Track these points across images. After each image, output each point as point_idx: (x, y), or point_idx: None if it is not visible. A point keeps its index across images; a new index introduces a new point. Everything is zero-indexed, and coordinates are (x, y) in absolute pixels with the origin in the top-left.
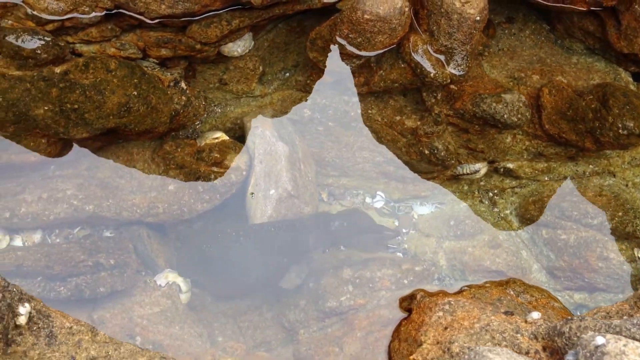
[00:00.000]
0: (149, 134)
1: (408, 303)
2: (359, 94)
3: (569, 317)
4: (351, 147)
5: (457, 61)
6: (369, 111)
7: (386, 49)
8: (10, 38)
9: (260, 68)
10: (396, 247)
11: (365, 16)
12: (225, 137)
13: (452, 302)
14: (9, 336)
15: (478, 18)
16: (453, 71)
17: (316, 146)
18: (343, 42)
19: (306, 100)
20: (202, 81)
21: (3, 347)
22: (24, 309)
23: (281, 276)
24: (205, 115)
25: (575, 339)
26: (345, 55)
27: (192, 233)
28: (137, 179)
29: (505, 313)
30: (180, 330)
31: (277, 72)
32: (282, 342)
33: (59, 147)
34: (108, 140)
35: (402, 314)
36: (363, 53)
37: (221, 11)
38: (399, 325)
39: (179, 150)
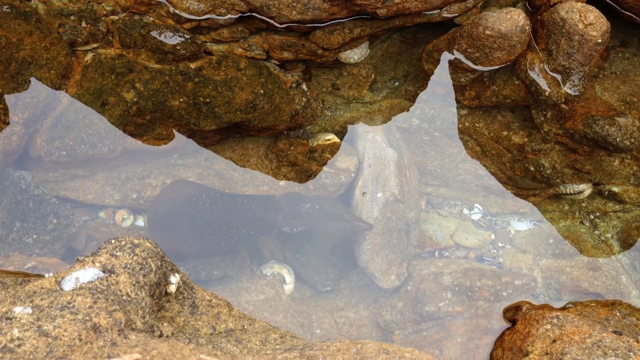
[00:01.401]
0: (269, 131)
1: (512, 314)
2: (468, 107)
3: None
4: (454, 159)
5: (573, 81)
6: (477, 124)
7: (502, 65)
8: (154, 33)
9: (373, 76)
10: (491, 260)
11: (487, 32)
12: (337, 140)
13: (560, 317)
14: (160, 302)
15: (600, 40)
16: (568, 91)
17: (420, 154)
18: (460, 56)
19: (415, 109)
20: (316, 84)
21: (156, 310)
22: (174, 279)
23: (243, 246)
24: (321, 117)
25: None
26: (459, 69)
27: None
28: (249, 173)
29: (615, 332)
30: (283, 319)
31: (387, 80)
32: (377, 340)
33: (186, 137)
34: (227, 134)
35: (505, 324)
36: (478, 67)
37: (345, 20)
38: (503, 334)
39: (292, 148)
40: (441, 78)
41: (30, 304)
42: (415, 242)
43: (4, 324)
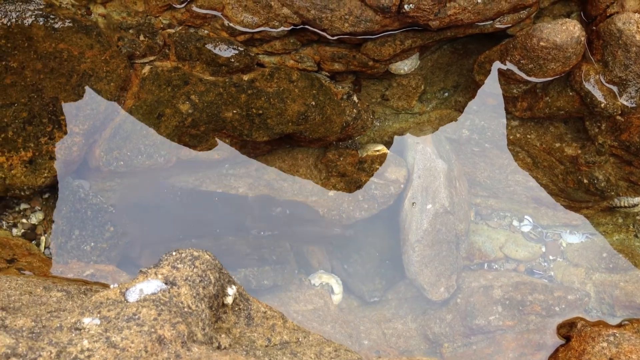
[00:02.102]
0: (320, 142)
1: (567, 330)
2: (520, 119)
3: None
4: (504, 170)
5: (630, 93)
6: (528, 136)
7: (556, 77)
8: (209, 46)
9: (422, 87)
10: (542, 273)
11: (541, 43)
12: (386, 150)
13: (617, 335)
14: (217, 313)
15: None
16: (625, 103)
17: (469, 166)
18: (513, 67)
19: (465, 120)
20: (365, 95)
21: (214, 322)
22: (231, 290)
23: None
24: (371, 127)
25: None
26: (512, 80)
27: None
28: (298, 183)
29: None
30: (332, 329)
31: (437, 91)
32: (425, 352)
33: (238, 147)
34: (277, 145)
35: (558, 340)
36: (531, 79)
37: (397, 31)
38: (557, 351)
39: (341, 159)
40: (492, 89)
41: (98, 315)
42: (464, 254)
43: (73, 335)
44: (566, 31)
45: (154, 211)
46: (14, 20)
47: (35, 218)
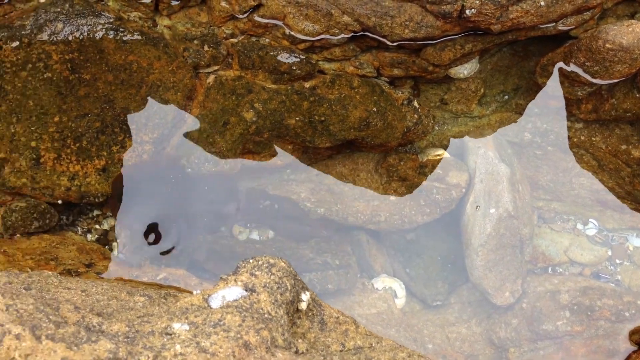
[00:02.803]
0: (381, 148)
1: (639, 336)
2: (584, 121)
3: None
4: (568, 173)
5: None
6: (593, 138)
7: (622, 79)
8: (272, 55)
9: (482, 90)
10: (608, 277)
11: (607, 45)
12: (447, 155)
13: None
14: (292, 319)
15: None
16: None
17: (531, 169)
18: (577, 69)
19: (527, 123)
20: (424, 100)
21: (290, 327)
22: (305, 296)
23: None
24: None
25: None
26: (576, 82)
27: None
28: (359, 188)
29: None
30: (396, 333)
31: (496, 94)
32: (491, 357)
33: (300, 153)
34: (337, 150)
35: (630, 347)
36: (597, 81)
37: (457, 36)
38: (629, 357)
39: (402, 163)
40: (554, 91)
41: (186, 321)
42: (527, 258)
43: (165, 340)
44: (632, 32)
45: (147, 195)
46: (85, 34)
47: (107, 224)
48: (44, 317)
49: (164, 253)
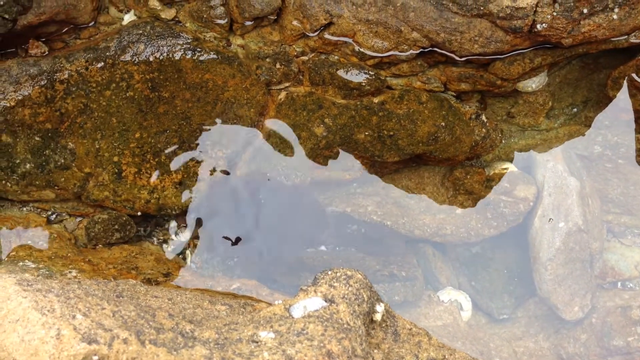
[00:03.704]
0: (449, 162)
1: None
2: None
3: None
4: (639, 186)
5: None
6: None
7: None
8: (341, 72)
9: (550, 103)
10: None
11: None
12: (514, 168)
13: None
14: (368, 329)
15: None
16: None
17: (600, 182)
18: None
19: (596, 136)
20: (490, 113)
21: (366, 335)
22: (380, 308)
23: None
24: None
25: None
26: None
27: None
28: (425, 201)
29: None
30: (462, 346)
31: (565, 107)
32: None
33: (368, 167)
34: (404, 164)
35: None
36: None
37: (526, 50)
38: None
39: (468, 177)
40: (625, 104)
41: (271, 329)
42: (597, 273)
43: (253, 347)
44: None
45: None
46: (165, 54)
47: (184, 236)
48: (145, 323)
49: (234, 243)
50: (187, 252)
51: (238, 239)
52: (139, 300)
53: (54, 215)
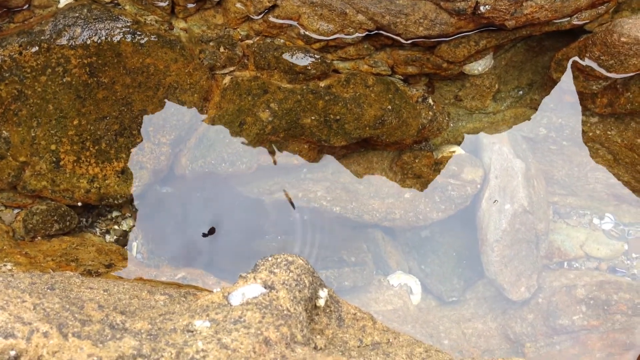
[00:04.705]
0: (396, 145)
1: None
2: (599, 115)
3: None
4: (584, 167)
5: None
6: (608, 132)
7: (637, 72)
8: (287, 55)
9: (496, 86)
10: (625, 272)
11: (622, 39)
12: (462, 151)
13: None
14: (311, 315)
15: None
16: None
17: (546, 164)
18: (592, 63)
19: (542, 118)
20: (438, 97)
21: (309, 321)
22: (323, 293)
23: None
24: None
25: None
26: (590, 77)
27: None
28: (374, 185)
29: None
30: (412, 329)
31: (511, 90)
32: (507, 352)
33: (315, 152)
34: (352, 148)
35: None
36: (612, 75)
37: (471, 32)
38: None
39: (417, 161)
40: (569, 86)
41: (207, 318)
42: (542, 253)
43: (187, 337)
44: None
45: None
46: (103, 38)
47: (127, 224)
48: (70, 315)
49: (205, 235)
50: (134, 243)
51: (212, 230)
52: (71, 292)
53: None
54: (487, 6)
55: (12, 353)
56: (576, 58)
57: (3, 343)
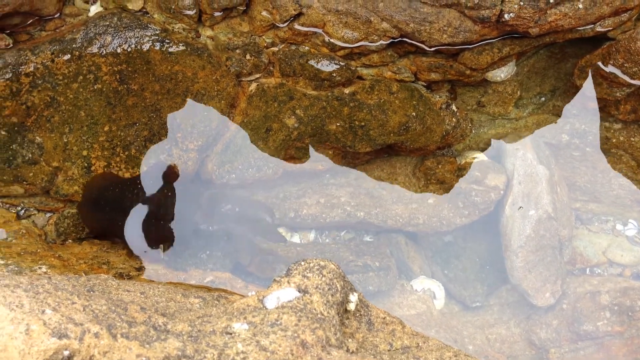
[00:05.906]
0: (420, 151)
1: None
2: (623, 122)
3: None
4: (607, 174)
5: None
6: (632, 139)
7: None
8: (312, 62)
9: (518, 92)
10: None
11: None
12: (485, 157)
13: None
14: (342, 319)
15: None
16: None
17: (568, 170)
18: (615, 70)
19: (564, 125)
20: (460, 103)
21: (340, 324)
22: (354, 297)
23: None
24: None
25: None
26: (614, 83)
27: None
28: (397, 191)
29: None
30: (436, 334)
31: (533, 96)
32: (531, 358)
33: (340, 158)
34: (376, 154)
35: None
36: (636, 82)
37: (494, 40)
38: None
39: (440, 166)
40: (592, 92)
41: (245, 321)
42: (566, 259)
43: (227, 339)
44: None
45: (116, 203)
46: (133, 46)
47: None
48: (117, 316)
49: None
50: (161, 246)
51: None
52: (110, 294)
53: (22, 211)
54: (511, 14)
55: (66, 353)
56: (600, 64)
57: (57, 343)
